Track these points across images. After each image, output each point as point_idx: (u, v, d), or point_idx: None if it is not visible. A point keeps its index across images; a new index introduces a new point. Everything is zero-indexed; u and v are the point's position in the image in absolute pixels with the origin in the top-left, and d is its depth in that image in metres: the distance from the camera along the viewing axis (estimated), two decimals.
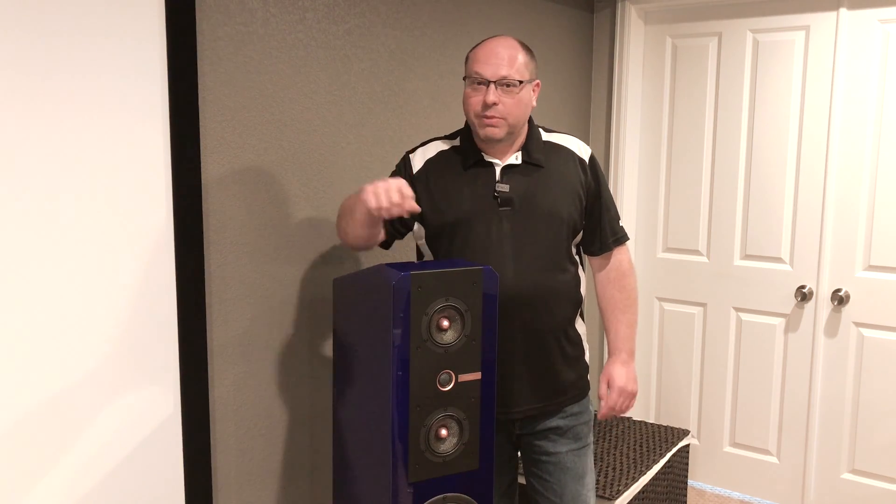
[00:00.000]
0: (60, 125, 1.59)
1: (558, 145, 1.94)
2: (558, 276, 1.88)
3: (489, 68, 1.78)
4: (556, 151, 1.93)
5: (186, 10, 1.77)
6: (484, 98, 1.78)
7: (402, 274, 1.63)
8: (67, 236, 1.62)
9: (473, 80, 1.81)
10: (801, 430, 3.11)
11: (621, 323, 2.01)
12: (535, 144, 1.90)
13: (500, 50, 1.79)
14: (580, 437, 1.97)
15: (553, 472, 1.96)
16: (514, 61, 1.79)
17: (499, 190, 1.85)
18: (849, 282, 2.96)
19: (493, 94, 1.77)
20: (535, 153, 1.89)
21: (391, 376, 1.66)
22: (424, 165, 1.91)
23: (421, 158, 1.92)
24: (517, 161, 1.87)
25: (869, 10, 2.82)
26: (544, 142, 1.93)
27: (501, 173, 1.87)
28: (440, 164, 1.91)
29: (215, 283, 1.93)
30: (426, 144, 1.96)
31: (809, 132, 2.97)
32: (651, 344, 3.46)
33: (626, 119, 3.29)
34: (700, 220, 3.25)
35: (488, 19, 2.71)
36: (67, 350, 1.64)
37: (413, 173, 1.91)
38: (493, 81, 1.77)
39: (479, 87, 1.80)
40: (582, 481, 1.97)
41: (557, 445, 1.95)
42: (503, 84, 1.78)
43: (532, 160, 1.88)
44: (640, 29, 3.29)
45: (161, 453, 1.83)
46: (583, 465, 1.97)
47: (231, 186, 1.94)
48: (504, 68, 1.78)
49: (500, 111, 1.78)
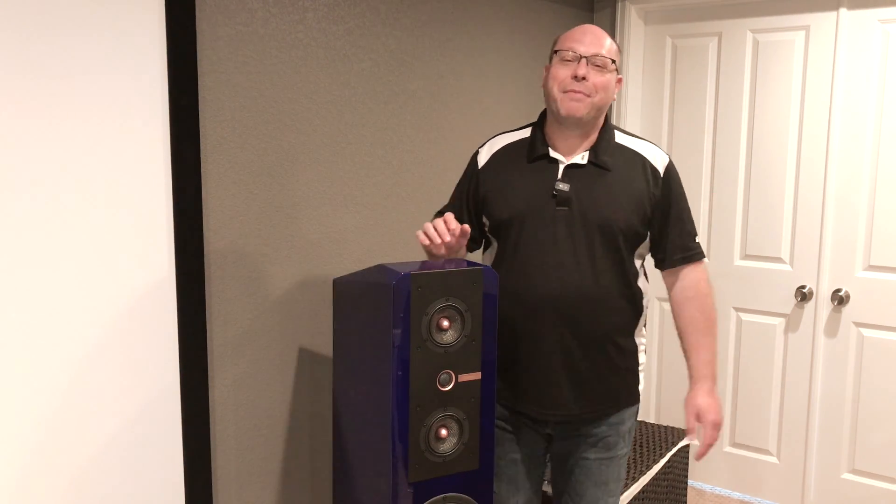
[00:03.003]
0: (60, 125, 1.59)
1: (631, 150, 1.86)
2: (610, 284, 1.81)
3: (583, 46, 1.78)
4: (627, 156, 1.85)
5: (186, 10, 1.77)
6: (575, 70, 1.77)
7: (402, 274, 1.63)
8: (67, 236, 1.62)
9: (563, 57, 1.79)
10: (801, 430, 3.11)
11: (703, 347, 1.87)
12: (604, 145, 1.84)
13: (596, 31, 1.81)
14: (611, 447, 1.89)
15: (577, 474, 1.90)
16: (606, 43, 1.80)
17: (558, 189, 1.80)
18: (849, 282, 2.96)
19: (583, 68, 1.76)
20: (602, 155, 1.82)
21: (391, 376, 1.66)
22: (490, 160, 1.92)
23: (487, 153, 1.93)
24: (583, 161, 1.82)
25: (869, 10, 2.82)
26: (616, 144, 1.86)
27: (564, 171, 1.82)
28: (505, 158, 1.90)
29: (215, 283, 1.93)
30: (494, 138, 1.96)
31: (809, 132, 2.97)
32: (651, 344, 3.46)
33: (626, 119, 3.29)
34: (700, 221, 3.25)
35: (488, 19, 2.71)
36: (67, 350, 1.64)
37: (478, 168, 1.93)
38: (586, 57, 1.77)
39: (568, 63, 1.79)
40: (604, 487, 1.90)
41: (587, 452, 1.89)
42: (595, 63, 1.78)
43: (599, 161, 1.82)
44: (640, 29, 3.29)
45: (161, 453, 1.83)
46: (608, 474, 1.90)
47: (231, 186, 1.94)
48: (598, 46, 1.79)
49: (587, 87, 1.77)
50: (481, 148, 1.96)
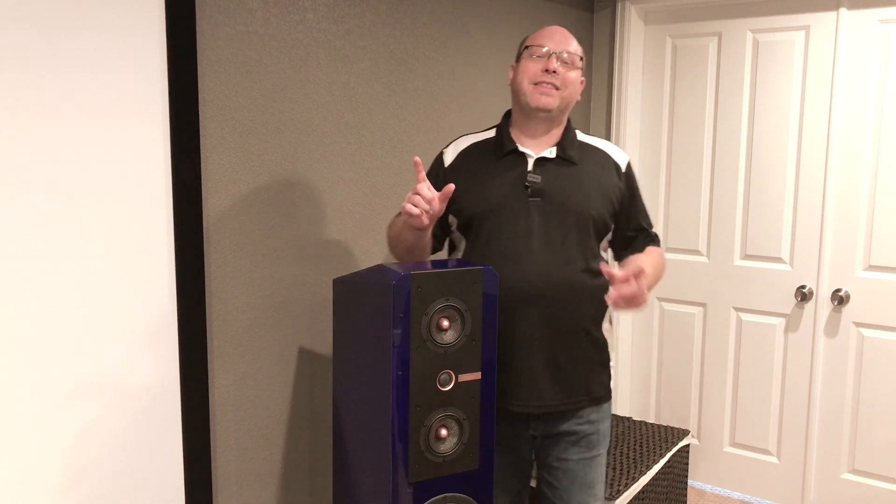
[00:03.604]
0: (60, 125, 1.59)
1: (594, 147, 1.95)
2: (586, 274, 1.86)
3: (553, 42, 1.85)
4: (592, 153, 1.93)
5: (186, 11, 1.77)
6: (546, 64, 1.83)
7: (402, 274, 1.63)
8: (67, 236, 1.62)
9: (533, 53, 1.85)
10: (801, 430, 3.11)
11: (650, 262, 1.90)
12: (570, 142, 1.91)
13: (563, 30, 1.89)
14: (593, 446, 1.94)
15: (562, 479, 1.94)
16: (573, 43, 1.88)
17: (530, 180, 1.85)
18: (849, 282, 2.96)
19: (554, 62, 1.83)
20: (569, 150, 1.89)
21: (391, 376, 1.66)
22: (456, 158, 1.94)
23: (453, 152, 1.96)
24: (551, 155, 1.88)
25: (869, 10, 2.82)
26: (580, 141, 1.94)
27: (534, 165, 1.87)
28: (473, 156, 1.93)
29: (215, 283, 1.93)
30: (458, 139, 1.99)
31: (809, 132, 2.97)
32: (651, 344, 3.46)
33: (626, 119, 3.29)
34: (700, 220, 3.25)
35: (488, 19, 2.71)
36: (67, 350, 1.64)
37: (445, 167, 1.94)
38: (556, 53, 1.83)
39: (538, 59, 1.84)
40: (591, 491, 1.94)
41: (569, 452, 1.92)
42: (563, 59, 1.84)
43: (566, 156, 1.88)
44: (640, 29, 3.29)
45: (161, 453, 1.83)
46: (592, 475, 1.95)
47: (231, 186, 1.94)
48: (566, 44, 1.86)
49: (558, 80, 1.83)
50: (446, 149, 1.98)
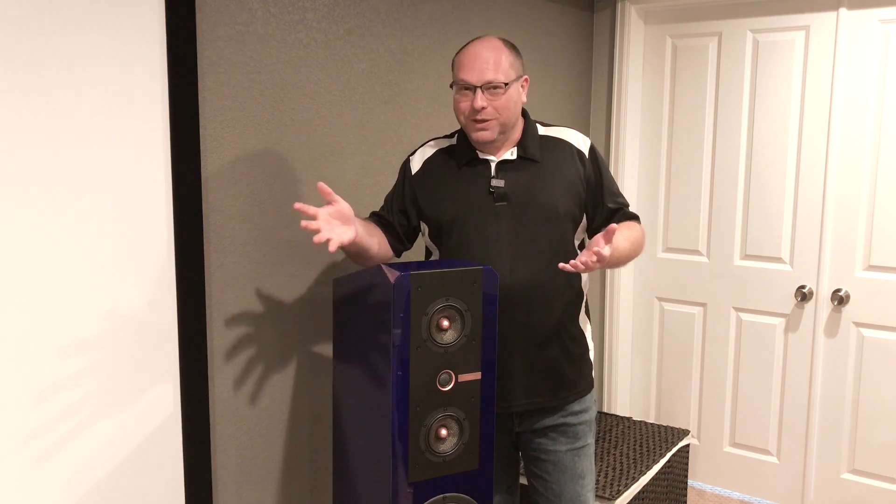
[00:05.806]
0: (60, 125, 1.59)
1: (556, 139, 1.94)
2: (555, 272, 1.87)
3: (474, 74, 1.79)
4: (554, 145, 1.93)
5: (186, 10, 1.77)
6: (472, 104, 1.80)
7: (402, 274, 1.63)
8: (67, 237, 1.62)
9: (460, 87, 1.83)
10: (801, 430, 3.11)
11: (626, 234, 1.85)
12: (530, 140, 1.91)
13: (484, 53, 1.80)
14: (579, 436, 1.97)
15: (552, 471, 1.95)
16: (498, 64, 1.80)
17: (494, 185, 1.87)
18: (849, 282, 2.96)
19: (480, 99, 1.79)
20: (530, 148, 1.90)
21: (391, 376, 1.66)
22: (422, 166, 1.96)
23: (419, 160, 1.97)
24: (512, 157, 1.89)
25: (869, 10, 2.82)
26: (541, 136, 1.94)
27: (496, 169, 1.89)
28: (438, 164, 1.95)
29: (215, 284, 1.93)
30: (424, 146, 2.00)
31: (809, 132, 2.97)
32: (651, 344, 3.46)
33: (626, 119, 3.29)
34: (700, 220, 3.25)
35: (488, 19, 2.71)
36: (68, 350, 1.64)
37: (412, 175, 1.97)
38: (479, 86, 1.79)
39: (466, 93, 1.82)
40: (581, 482, 1.96)
41: (557, 444, 1.95)
42: (489, 88, 1.79)
43: (528, 155, 1.89)
44: (640, 29, 3.29)
45: (161, 453, 1.83)
46: (582, 466, 1.97)
47: (231, 186, 1.94)
48: (489, 72, 1.79)
49: (489, 114, 1.81)
50: (412, 156, 1.99)
